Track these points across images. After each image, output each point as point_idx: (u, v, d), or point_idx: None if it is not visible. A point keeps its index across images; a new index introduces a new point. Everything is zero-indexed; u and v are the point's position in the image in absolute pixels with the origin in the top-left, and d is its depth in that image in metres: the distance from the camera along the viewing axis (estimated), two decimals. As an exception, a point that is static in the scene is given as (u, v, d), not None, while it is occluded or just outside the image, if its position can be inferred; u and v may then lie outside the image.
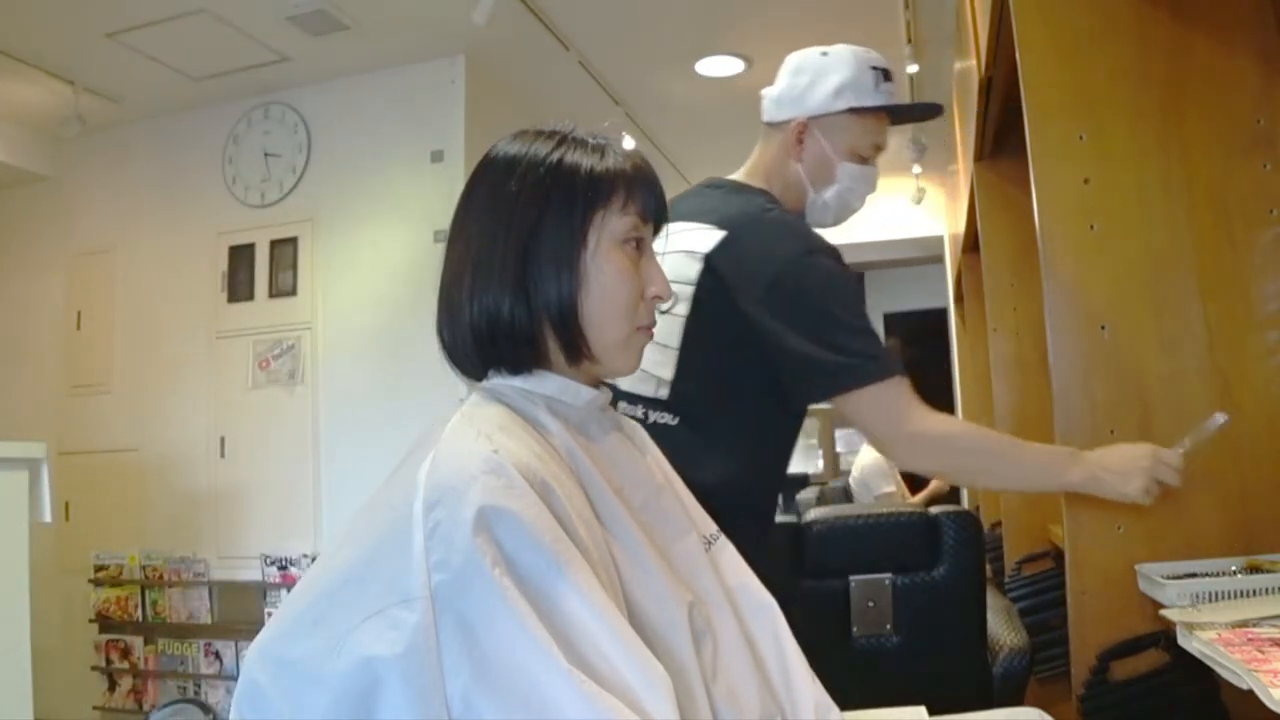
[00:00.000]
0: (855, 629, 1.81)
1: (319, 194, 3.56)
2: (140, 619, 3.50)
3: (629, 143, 0.95)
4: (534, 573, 0.65)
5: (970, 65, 2.45)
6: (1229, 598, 1.16)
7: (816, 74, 1.39)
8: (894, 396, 1.25)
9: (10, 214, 4.06)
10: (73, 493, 3.64)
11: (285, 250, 3.57)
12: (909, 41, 3.31)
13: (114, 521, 3.62)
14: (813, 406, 1.31)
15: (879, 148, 1.41)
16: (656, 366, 1.29)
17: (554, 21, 3.13)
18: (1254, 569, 1.25)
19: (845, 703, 0.92)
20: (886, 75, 1.39)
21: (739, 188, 1.42)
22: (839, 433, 8.58)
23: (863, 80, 1.36)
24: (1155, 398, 1.39)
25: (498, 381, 0.84)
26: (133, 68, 3.37)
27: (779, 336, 1.23)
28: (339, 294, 3.48)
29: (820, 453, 8.69)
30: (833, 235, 1.33)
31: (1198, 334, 1.38)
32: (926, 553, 1.82)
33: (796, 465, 8.81)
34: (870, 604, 1.81)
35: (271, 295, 3.57)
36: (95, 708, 3.54)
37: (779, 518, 1.59)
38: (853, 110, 1.37)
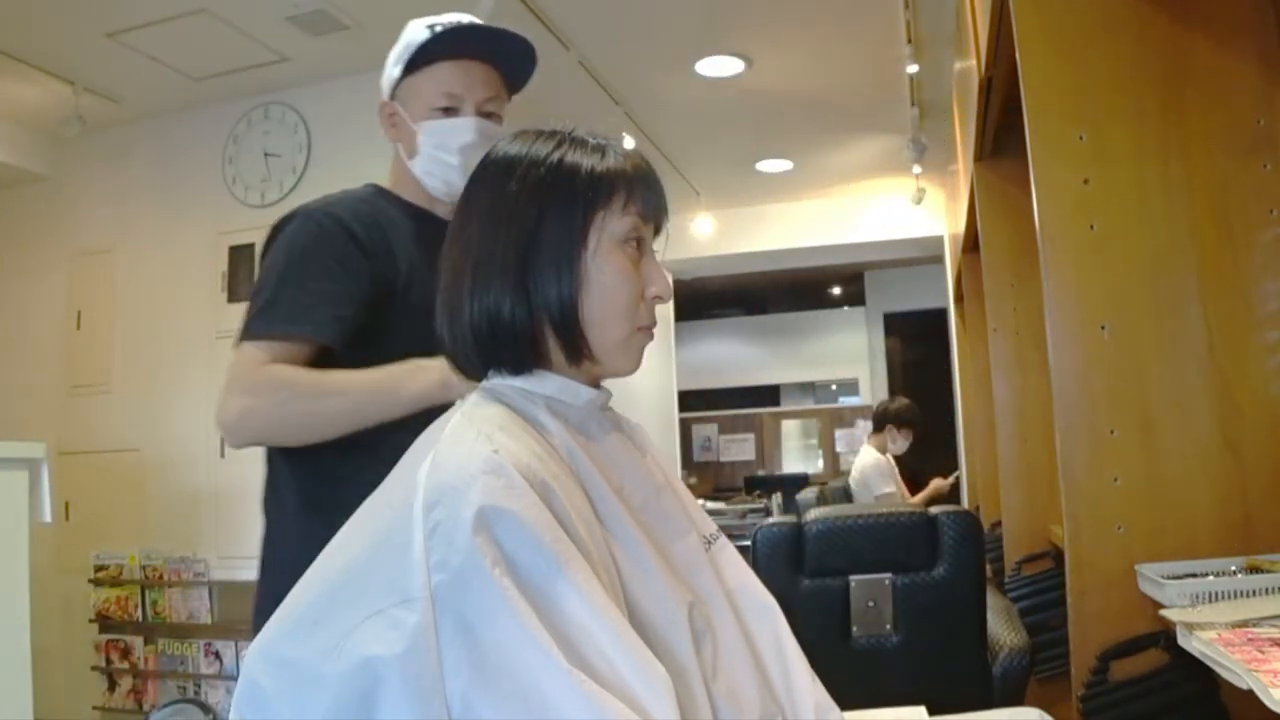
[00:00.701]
0: (855, 629, 1.81)
1: (319, 194, 3.53)
2: (140, 619, 3.50)
3: (629, 143, 0.94)
4: (534, 573, 0.65)
5: (970, 65, 2.45)
6: (1229, 598, 1.16)
7: (387, 59, 1.34)
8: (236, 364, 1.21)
9: (10, 214, 4.06)
10: (73, 493, 3.63)
11: (285, 250, 3.56)
12: (909, 41, 3.31)
13: (114, 521, 3.62)
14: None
15: (456, 96, 1.29)
16: None
17: (554, 21, 3.13)
18: (1254, 569, 1.25)
19: (845, 703, 0.92)
20: (450, 28, 1.29)
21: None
22: (839, 433, 8.60)
23: (415, 37, 1.28)
24: (1155, 398, 1.39)
25: (498, 381, 0.84)
26: (133, 68, 3.37)
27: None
28: (339, 294, 3.48)
29: (820, 453, 8.71)
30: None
31: (1198, 334, 1.38)
32: (926, 553, 1.83)
33: (796, 465, 8.84)
34: (870, 604, 1.81)
35: (271, 295, 3.56)
36: (95, 708, 3.53)
37: (778, 517, 1.59)
38: (408, 70, 1.30)
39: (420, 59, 1.29)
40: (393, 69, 1.32)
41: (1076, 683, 1.41)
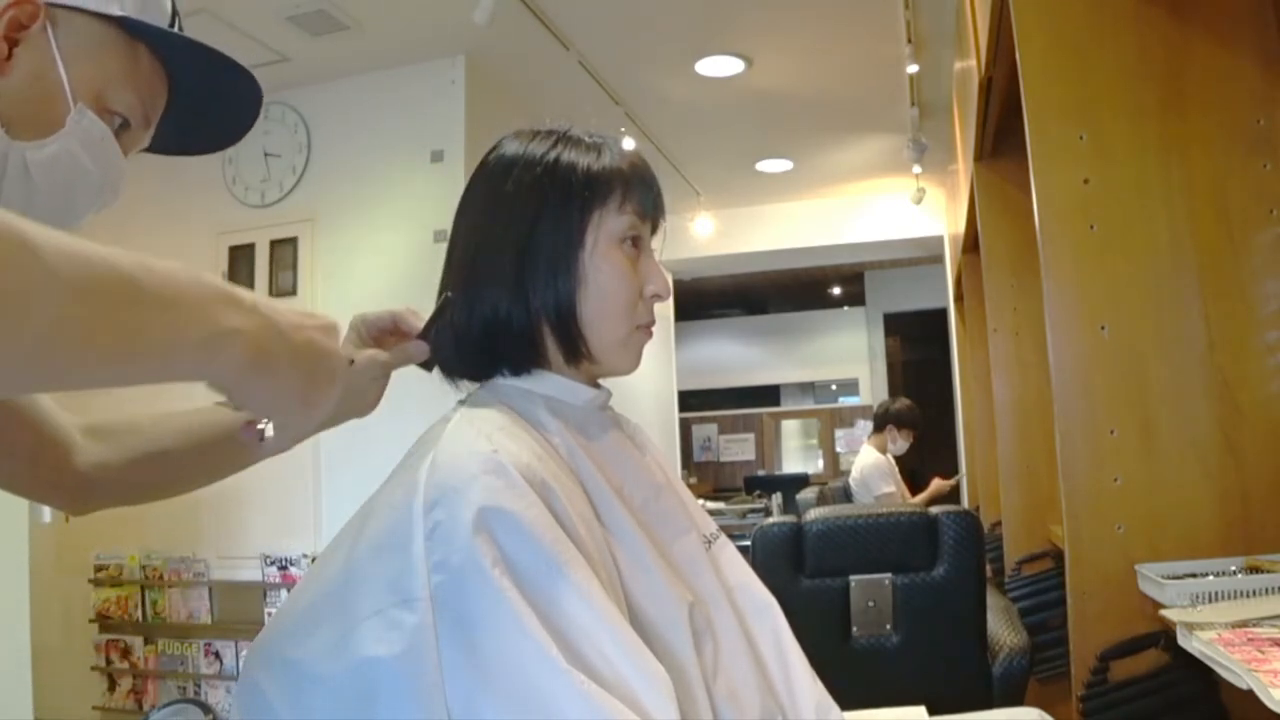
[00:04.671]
0: (855, 629, 1.81)
1: (319, 194, 3.56)
2: (140, 619, 3.50)
3: (629, 143, 0.94)
4: (534, 573, 0.65)
5: (970, 65, 2.45)
6: (1229, 598, 1.16)
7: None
8: None
9: (10, 214, 4.05)
10: (73, 493, 3.63)
11: (285, 250, 3.57)
12: (909, 41, 3.31)
13: (114, 521, 3.59)
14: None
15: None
16: None
17: (554, 21, 3.12)
18: (1254, 569, 1.25)
19: (845, 703, 0.92)
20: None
21: None
22: (839, 433, 8.60)
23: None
24: (1155, 398, 1.39)
25: (497, 381, 0.84)
26: (133, 68, 3.37)
27: None
28: (339, 294, 3.48)
29: (820, 453, 8.71)
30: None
31: (1198, 334, 1.38)
32: (926, 553, 1.83)
33: (796, 465, 8.84)
34: (870, 604, 1.81)
35: (271, 295, 3.56)
36: (95, 708, 3.53)
37: (778, 517, 1.58)
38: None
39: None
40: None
41: (1076, 683, 1.41)
